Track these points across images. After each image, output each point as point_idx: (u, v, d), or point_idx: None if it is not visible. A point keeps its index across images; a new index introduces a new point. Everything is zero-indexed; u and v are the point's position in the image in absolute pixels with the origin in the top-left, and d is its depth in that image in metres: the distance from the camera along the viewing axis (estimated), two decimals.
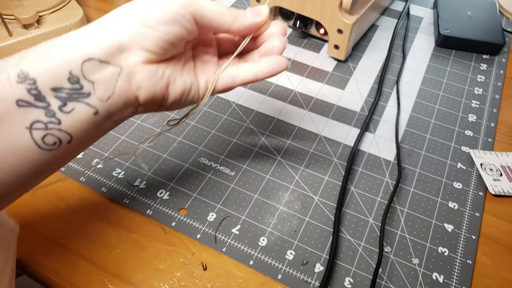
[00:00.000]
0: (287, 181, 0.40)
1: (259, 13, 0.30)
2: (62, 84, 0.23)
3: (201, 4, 0.27)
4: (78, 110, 0.24)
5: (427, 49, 0.55)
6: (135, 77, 0.26)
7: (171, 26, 0.26)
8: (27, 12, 0.49)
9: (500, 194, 0.39)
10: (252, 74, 0.31)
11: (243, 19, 0.29)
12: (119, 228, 0.36)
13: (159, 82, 0.27)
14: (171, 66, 0.28)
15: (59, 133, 0.24)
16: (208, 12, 0.28)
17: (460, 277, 0.34)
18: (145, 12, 0.26)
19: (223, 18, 0.28)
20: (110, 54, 0.25)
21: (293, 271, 0.34)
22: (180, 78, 0.29)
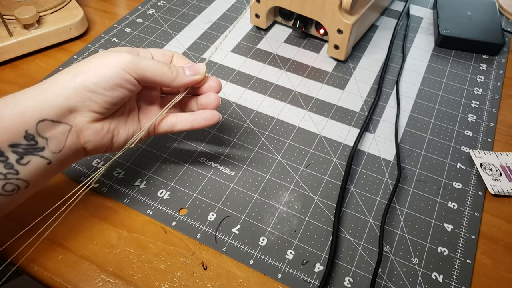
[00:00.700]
0: (287, 181, 0.40)
1: (197, 72, 0.34)
2: (19, 141, 0.27)
3: (144, 66, 0.31)
4: (33, 161, 0.28)
5: (427, 49, 0.55)
6: (83, 133, 0.30)
7: (116, 91, 0.30)
8: (27, 12, 0.49)
9: (499, 194, 0.39)
10: (189, 125, 0.35)
11: (182, 78, 0.33)
12: (119, 228, 0.36)
13: (104, 137, 0.31)
14: (116, 120, 0.32)
15: (17, 181, 0.28)
16: (151, 73, 0.31)
17: (460, 276, 0.34)
18: (92, 78, 0.29)
19: (164, 77, 0.32)
20: (61, 115, 0.28)
21: (293, 270, 0.34)
22: (123, 129, 0.33)
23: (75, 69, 0.29)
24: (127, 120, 0.33)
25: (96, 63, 0.30)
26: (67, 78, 0.29)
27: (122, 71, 0.30)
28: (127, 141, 0.33)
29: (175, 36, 0.55)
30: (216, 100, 0.35)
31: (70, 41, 0.54)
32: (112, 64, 0.30)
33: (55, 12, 0.54)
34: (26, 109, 0.27)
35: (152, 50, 0.35)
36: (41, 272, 0.33)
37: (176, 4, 0.61)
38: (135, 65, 0.30)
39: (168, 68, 0.32)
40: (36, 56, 0.52)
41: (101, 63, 0.30)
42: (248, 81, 0.50)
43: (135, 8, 0.60)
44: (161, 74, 0.32)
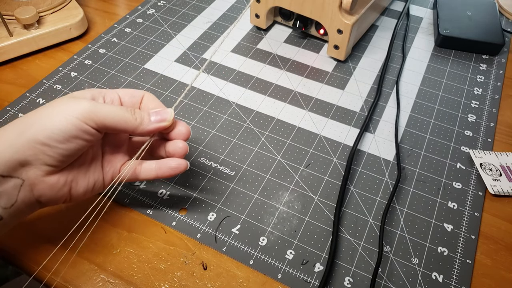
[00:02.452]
0: (287, 181, 0.40)
1: (164, 119, 0.31)
2: None
3: (103, 115, 0.29)
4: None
5: (427, 49, 0.55)
6: (37, 187, 0.28)
7: (71, 142, 0.28)
8: (27, 12, 0.49)
9: (499, 194, 0.39)
10: (153, 174, 0.33)
11: (147, 125, 0.31)
12: (119, 228, 0.36)
13: (60, 190, 0.29)
14: (75, 170, 0.30)
15: None
16: (111, 121, 0.29)
17: (460, 276, 0.34)
18: (44, 131, 0.27)
19: (126, 125, 0.30)
20: (12, 169, 0.27)
21: (293, 270, 0.34)
22: (83, 179, 0.31)
23: (28, 120, 0.28)
24: (88, 169, 0.31)
25: (51, 113, 0.28)
26: (18, 130, 0.27)
27: (78, 122, 0.28)
28: (86, 192, 0.31)
29: (175, 36, 0.55)
30: (183, 148, 0.33)
31: (70, 41, 0.54)
32: (67, 114, 0.28)
33: (55, 12, 0.54)
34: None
35: (121, 91, 0.33)
36: (41, 272, 0.33)
37: (176, 4, 0.61)
38: (93, 114, 0.28)
39: (131, 115, 0.30)
40: (36, 56, 0.52)
41: (56, 113, 0.28)
42: (248, 81, 0.50)
43: (135, 8, 0.60)
44: (123, 122, 0.30)
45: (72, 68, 0.50)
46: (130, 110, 0.31)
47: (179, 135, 0.33)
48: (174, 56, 0.52)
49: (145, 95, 0.34)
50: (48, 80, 0.49)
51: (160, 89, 0.48)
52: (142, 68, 0.51)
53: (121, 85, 0.48)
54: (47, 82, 0.48)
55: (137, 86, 0.48)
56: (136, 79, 0.49)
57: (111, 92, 0.32)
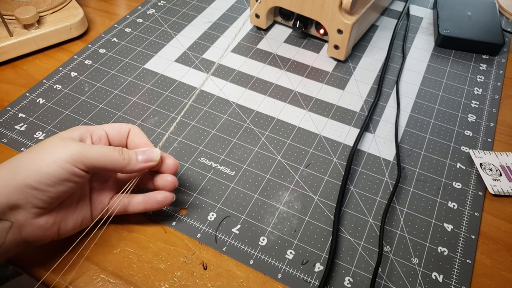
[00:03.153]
0: (287, 181, 0.40)
1: (151, 159, 0.32)
2: None
3: (92, 156, 0.29)
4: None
5: (427, 49, 0.55)
6: (25, 229, 0.29)
7: (61, 185, 0.28)
8: (28, 12, 0.49)
9: (499, 194, 0.39)
10: (141, 207, 0.34)
11: (134, 165, 0.32)
12: (120, 228, 0.36)
13: (48, 230, 0.30)
14: (63, 211, 0.31)
15: None
16: (100, 162, 0.30)
17: (460, 276, 0.34)
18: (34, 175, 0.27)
19: (114, 165, 0.31)
20: (1, 213, 0.27)
21: (293, 270, 0.34)
22: (72, 218, 0.31)
23: (18, 165, 0.28)
24: (76, 208, 0.32)
25: (40, 157, 0.28)
26: (8, 175, 0.28)
27: (68, 165, 0.28)
28: (74, 229, 0.32)
29: (175, 36, 0.55)
30: (172, 183, 0.34)
31: (70, 41, 0.54)
32: (56, 158, 0.28)
33: (55, 12, 0.54)
34: None
35: (107, 126, 0.34)
36: (41, 272, 0.33)
37: (176, 4, 0.61)
38: (83, 157, 0.29)
39: (120, 155, 0.31)
40: (36, 56, 0.52)
41: (45, 157, 0.28)
42: (248, 81, 0.50)
43: (135, 8, 0.60)
44: (111, 163, 0.30)
45: (72, 68, 0.50)
46: (118, 150, 0.31)
47: (167, 170, 0.34)
48: (174, 56, 0.52)
49: (131, 129, 0.34)
50: (48, 80, 0.49)
51: (160, 89, 0.48)
52: (142, 68, 0.51)
53: (121, 85, 0.48)
54: (47, 82, 0.48)
55: (137, 86, 0.48)
56: (136, 79, 0.49)
57: (98, 129, 0.33)
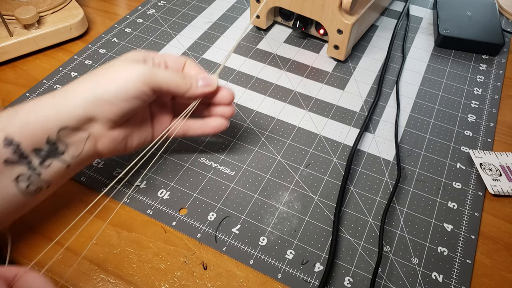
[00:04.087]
0: (287, 181, 0.40)
1: (209, 85, 0.35)
2: (41, 146, 0.29)
3: (159, 78, 0.32)
4: (54, 164, 0.30)
5: (427, 49, 0.55)
6: (99, 140, 0.32)
7: (132, 102, 0.31)
8: (28, 12, 0.49)
9: (499, 194, 0.39)
10: (199, 132, 0.38)
11: (195, 90, 0.34)
12: (119, 228, 0.36)
13: (119, 144, 0.34)
14: (130, 127, 0.34)
15: (39, 182, 0.30)
16: (165, 85, 0.32)
17: (460, 276, 0.34)
18: (111, 90, 0.30)
19: (177, 89, 0.33)
20: (81, 124, 0.30)
21: (293, 270, 0.34)
22: (137, 134, 0.35)
23: (95, 80, 0.31)
24: (140, 127, 0.35)
25: (115, 74, 0.31)
26: (87, 88, 0.30)
27: (139, 84, 0.31)
28: (139, 145, 0.36)
29: (175, 36, 0.55)
30: (228, 111, 0.37)
31: (70, 41, 0.54)
32: (130, 76, 0.31)
33: (55, 12, 0.54)
34: (48, 117, 0.29)
35: (166, 56, 0.36)
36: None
37: (176, 4, 0.61)
38: (152, 78, 0.31)
39: (182, 80, 0.33)
40: (36, 56, 0.52)
41: (120, 75, 0.31)
42: (248, 81, 0.50)
43: (135, 8, 0.60)
44: (175, 86, 0.33)
45: (72, 68, 0.50)
46: (182, 74, 0.34)
47: (223, 99, 0.36)
48: None
49: (187, 61, 0.37)
50: (48, 80, 0.49)
51: None
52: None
53: None
54: (47, 82, 0.49)
55: None
56: None
57: (158, 56, 0.35)
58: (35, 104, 0.29)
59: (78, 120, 0.30)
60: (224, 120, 0.37)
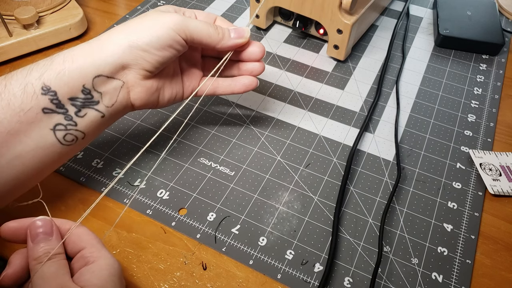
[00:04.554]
0: (286, 181, 0.40)
1: (241, 36, 0.34)
2: (77, 95, 0.29)
3: (192, 27, 0.32)
4: (89, 114, 0.30)
5: (427, 49, 0.55)
6: (133, 90, 0.32)
7: (166, 50, 0.31)
8: (27, 12, 0.49)
9: (499, 194, 0.39)
10: (229, 90, 0.37)
11: (227, 40, 0.34)
12: (119, 228, 0.36)
13: (152, 95, 0.34)
14: (163, 79, 0.34)
15: (76, 132, 0.30)
16: (198, 34, 0.32)
17: (460, 276, 0.34)
18: (145, 38, 0.30)
19: (210, 39, 0.33)
20: (115, 71, 0.30)
21: (293, 270, 0.34)
22: (168, 88, 0.35)
23: (129, 28, 0.31)
24: (172, 80, 0.35)
25: (149, 22, 0.31)
26: (121, 36, 0.30)
27: (172, 32, 0.31)
28: (170, 100, 0.36)
29: None
30: (259, 67, 0.36)
31: (69, 41, 0.54)
32: (163, 24, 0.31)
33: (55, 12, 0.54)
34: (83, 65, 0.29)
35: (196, 11, 0.36)
36: None
37: (176, 4, 0.61)
38: (184, 26, 0.31)
39: (215, 30, 0.33)
40: (36, 56, 0.52)
41: (154, 23, 0.31)
42: None
43: (135, 8, 0.60)
44: (207, 36, 0.33)
45: None
46: (214, 25, 0.33)
47: (253, 55, 0.36)
48: None
49: (217, 17, 0.37)
50: None
51: None
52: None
53: None
54: None
55: None
56: None
57: (189, 11, 0.35)
58: (70, 52, 0.30)
59: (112, 68, 0.30)
60: (254, 78, 0.37)
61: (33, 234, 0.27)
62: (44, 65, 0.29)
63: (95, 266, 0.26)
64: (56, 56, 0.30)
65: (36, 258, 0.26)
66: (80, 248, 0.28)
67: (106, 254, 0.27)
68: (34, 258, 0.26)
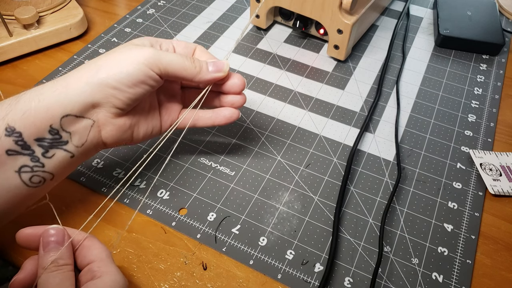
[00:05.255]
0: (287, 181, 0.40)
1: (220, 70, 0.33)
2: (44, 135, 0.28)
3: (166, 61, 0.31)
4: (58, 155, 0.29)
5: (427, 49, 0.55)
6: (105, 128, 0.31)
7: (138, 87, 0.30)
8: (27, 12, 0.49)
9: (499, 194, 0.39)
10: (210, 122, 0.36)
11: (205, 74, 0.32)
12: (119, 228, 0.36)
13: (125, 132, 0.32)
14: (137, 115, 0.33)
15: (43, 173, 0.28)
16: (173, 68, 0.31)
17: (460, 276, 0.34)
18: (115, 75, 0.29)
19: (186, 73, 0.32)
20: (85, 111, 0.29)
21: (293, 270, 0.34)
22: (144, 124, 0.34)
23: (98, 64, 0.30)
24: (147, 115, 0.34)
25: (119, 58, 0.30)
26: (90, 74, 0.29)
27: (144, 68, 0.30)
28: (146, 136, 0.34)
29: (175, 36, 0.55)
30: (240, 100, 0.35)
31: (70, 41, 0.54)
32: (134, 60, 0.29)
33: (55, 12, 0.54)
34: (50, 105, 0.28)
35: (175, 41, 0.35)
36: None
37: (176, 4, 0.61)
38: (157, 61, 0.30)
39: (191, 63, 0.32)
40: (36, 56, 0.52)
41: (124, 58, 0.30)
42: (248, 81, 0.50)
43: (135, 8, 0.60)
44: (183, 69, 0.31)
45: (72, 68, 0.50)
46: (190, 58, 0.32)
47: (234, 87, 0.35)
48: None
49: (197, 47, 0.35)
50: (48, 80, 0.49)
51: None
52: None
53: None
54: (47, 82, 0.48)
55: None
56: None
57: (166, 41, 0.34)
58: (37, 91, 0.28)
59: (81, 107, 0.29)
60: (235, 110, 0.35)
61: (45, 242, 0.27)
62: (9, 104, 0.28)
63: (100, 281, 0.26)
64: (23, 94, 0.28)
65: (44, 267, 0.26)
66: (89, 261, 0.27)
67: (113, 270, 0.27)
68: (42, 266, 0.26)
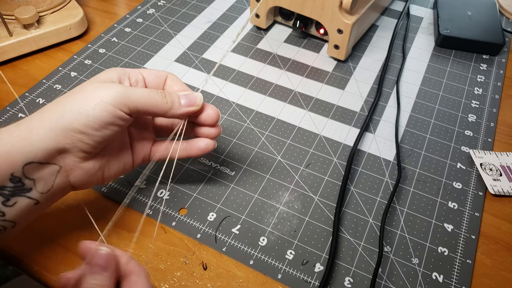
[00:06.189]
0: (287, 181, 0.40)
1: (193, 103, 0.31)
2: (4, 184, 0.26)
3: (135, 99, 0.29)
4: (20, 202, 0.27)
5: (427, 49, 0.55)
6: (72, 173, 0.29)
7: (106, 129, 0.28)
8: (27, 12, 0.49)
9: (499, 194, 0.39)
10: (185, 154, 0.34)
11: (177, 109, 0.31)
12: (119, 228, 0.36)
13: (95, 175, 0.30)
14: (107, 156, 0.31)
15: (3, 222, 0.26)
16: (143, 105, 0.29)
17: (460, 276, 0.34)
18: (80, 119, 0.27)
19: (157, 109, 0.30)
20: (49, 157, 0.27)
21: (293, 270, 0.34)
22: (114, 162, 0.32)
23: (63, 107, 0.28)
24: (118, 154, 0.32)
25: (84, 100, 0.28)
26: (54, 117, 0.27)
27: (112, 108, 0.28)
28: (117, 174, 0.32)
29: (175, 36, 0.55)
30: (214, 131, 0.34)
31: (70, 41, 0.54)
32: (101, 100, 0.28)
33: (55, 12, 0.54)
34: (11, 152, 0.26)
35: (144, 71, 0.33)
36: (41, 272, 0.33)
37: (176, 4, 0.61)
38: (126, 99, 0.28)
39: (162, 98, 0.30)
40: (36, 56, 0.52)
41: (90, 99, 0.28)
42: (248, 81, 0.50)
43: (135, 8, 0.60)
44: (154, 106, 0.30)
45: (72, 68, 0.50)
46: (161, 92, 0.30)
47: (208, 119, 0.33)
48: (174, 56, 0.52)
49: (168, 76, 0.34)
50: (48, 80, 0.49)
51: None
52: (142, 68, 0.51)
53: None
54: (47, 82, 0.48)
55: None
56: None
57: (135, 72, 0.32)
58: None
59: (45, 153, 0.27)
60: (211, 141, 0.34)
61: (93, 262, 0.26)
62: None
63: None
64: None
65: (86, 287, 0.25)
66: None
67: None
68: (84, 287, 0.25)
